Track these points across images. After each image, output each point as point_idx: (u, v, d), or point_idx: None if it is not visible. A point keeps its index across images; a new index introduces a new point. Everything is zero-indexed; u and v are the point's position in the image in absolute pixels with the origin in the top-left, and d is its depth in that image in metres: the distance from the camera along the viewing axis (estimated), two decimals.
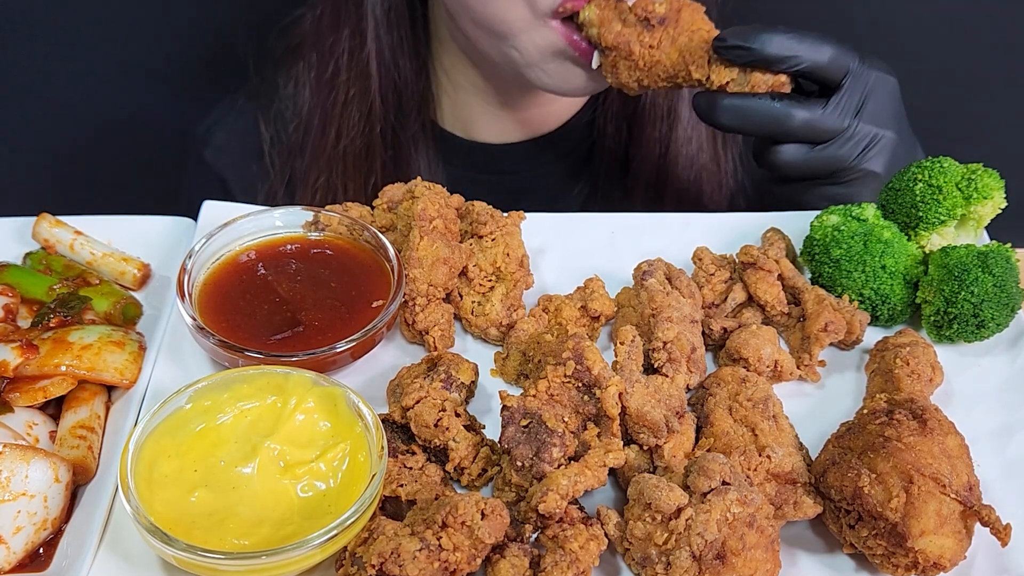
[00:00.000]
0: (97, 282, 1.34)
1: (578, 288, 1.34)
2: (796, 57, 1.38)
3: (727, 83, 1.42)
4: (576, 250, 1.44)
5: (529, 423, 1.12)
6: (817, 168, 1.46)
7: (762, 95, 1.41)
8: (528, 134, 1.91)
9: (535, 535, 1.08)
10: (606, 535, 1.06)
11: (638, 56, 1.44)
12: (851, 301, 1.32)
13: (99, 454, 1.17)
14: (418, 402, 1.15)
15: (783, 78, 1.41)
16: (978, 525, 1.06)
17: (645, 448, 1.15)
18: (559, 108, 1.88)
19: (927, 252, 1.35)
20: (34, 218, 1.39)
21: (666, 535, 1.02)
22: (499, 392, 1.16)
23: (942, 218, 1.33)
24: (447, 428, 1.14)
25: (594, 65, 1.51)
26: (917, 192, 1.34)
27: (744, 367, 1.25)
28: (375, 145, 1.80)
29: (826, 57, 1.39)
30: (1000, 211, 1.35)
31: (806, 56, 1.39)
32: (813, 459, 1.15)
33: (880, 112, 1.44)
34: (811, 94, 1.45)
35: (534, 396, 1.14)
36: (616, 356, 1.18)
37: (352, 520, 1.02)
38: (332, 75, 1.79)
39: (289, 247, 1.35)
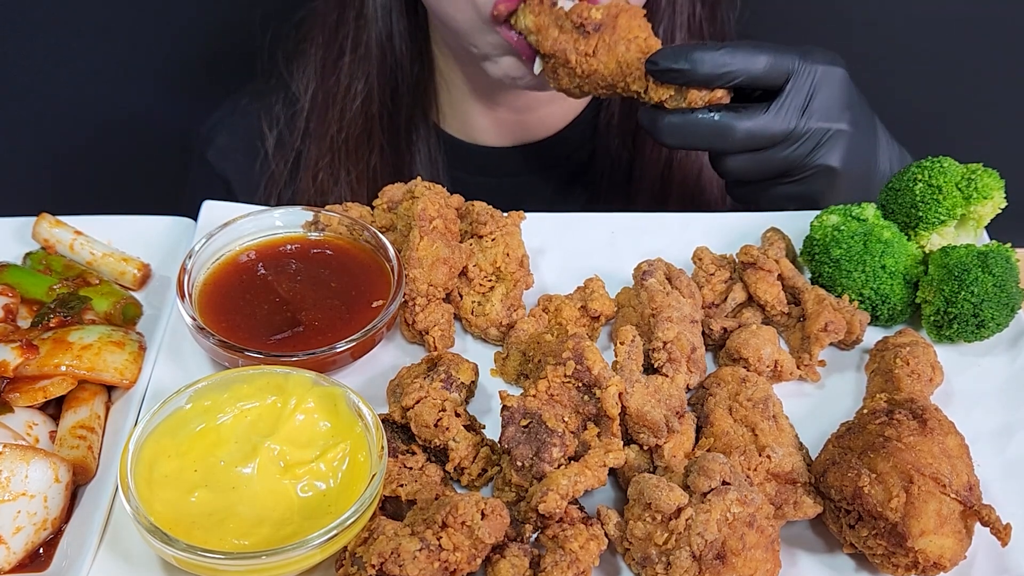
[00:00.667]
0: (97, 282, 1.34)
1: (578, 288, 1.34)
2: (730, 72, 1.37)
3: (665, 99, 1.41)
4: (576, 250, 1.43)
5: (529, 423, 1.12)
6: (767, 171, 1.46)
7: (701, 109, 1.40)
8: (526, 138, 1.91)
9: (535, 535, 1.07)
10: (606, 535, 1.06)
11: (575, 64, 1.43)
12: (851, 301, 1.32)
13: (99, 454, 1.17)
14: (418, 402, 1.15)
15: (719, 92, 1.40)
16: (978, 525, 1.06)
17: (645, 448, 1.15)
18: (555, 112, 1.88)
19: (927, 252, 1.35)
20: (34, 218, 1.39)
21: (666, 535, 1.02)
22: (499, 392, 1.16)
23: (942, 218, 1.33)
24: (447, 428, 1.14)
25: (536, 71, 1.51)
26: (917, 192, 1.34)
27: (744, 367, 1.25)
28: (374, 130, 1.81)
29: (761, 67, 1.39)
30: (1000, 211, 1.35)
31: (740, 69, 1.38)
32: (813, 459, 1.15)
33: (828, 106, 1.43)
34: (755, 97, 1.44)
35: (534, 396, 1.14)
36: (616, 356, 1.18)
37: (352, 520, 1.02)
38: (337, 57, 1.80)
39: (289, 247, 1.35)
